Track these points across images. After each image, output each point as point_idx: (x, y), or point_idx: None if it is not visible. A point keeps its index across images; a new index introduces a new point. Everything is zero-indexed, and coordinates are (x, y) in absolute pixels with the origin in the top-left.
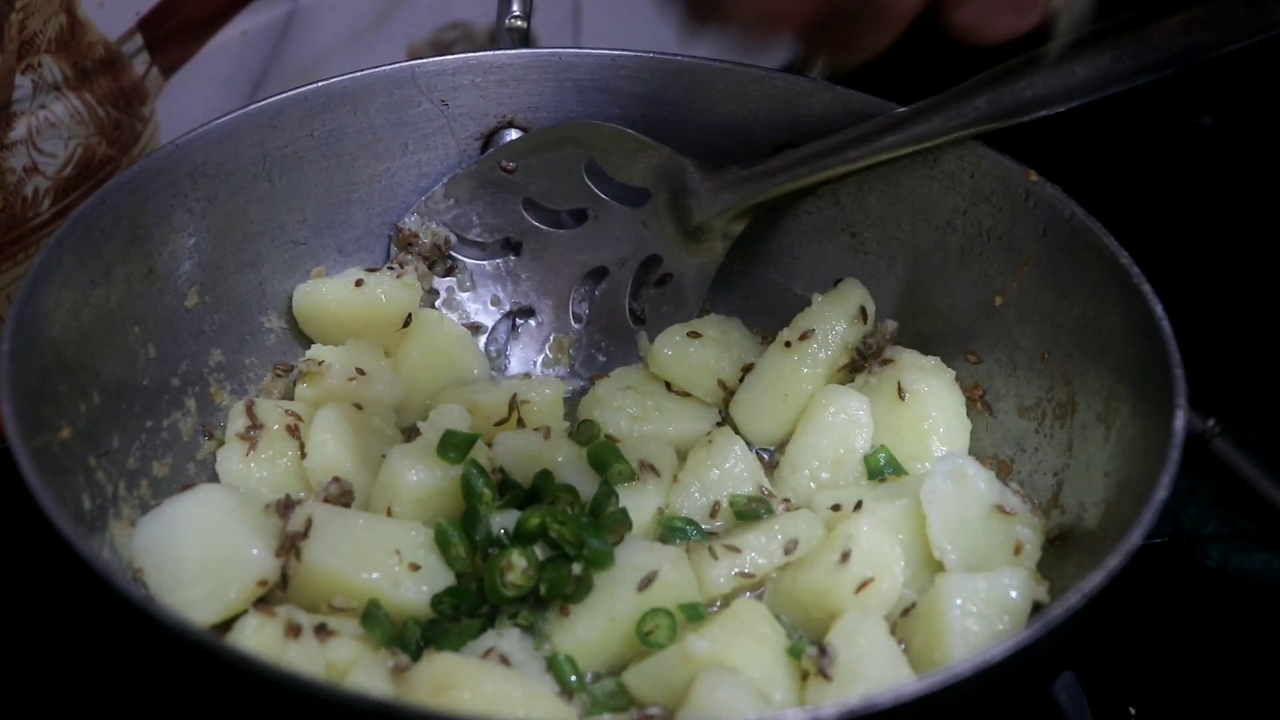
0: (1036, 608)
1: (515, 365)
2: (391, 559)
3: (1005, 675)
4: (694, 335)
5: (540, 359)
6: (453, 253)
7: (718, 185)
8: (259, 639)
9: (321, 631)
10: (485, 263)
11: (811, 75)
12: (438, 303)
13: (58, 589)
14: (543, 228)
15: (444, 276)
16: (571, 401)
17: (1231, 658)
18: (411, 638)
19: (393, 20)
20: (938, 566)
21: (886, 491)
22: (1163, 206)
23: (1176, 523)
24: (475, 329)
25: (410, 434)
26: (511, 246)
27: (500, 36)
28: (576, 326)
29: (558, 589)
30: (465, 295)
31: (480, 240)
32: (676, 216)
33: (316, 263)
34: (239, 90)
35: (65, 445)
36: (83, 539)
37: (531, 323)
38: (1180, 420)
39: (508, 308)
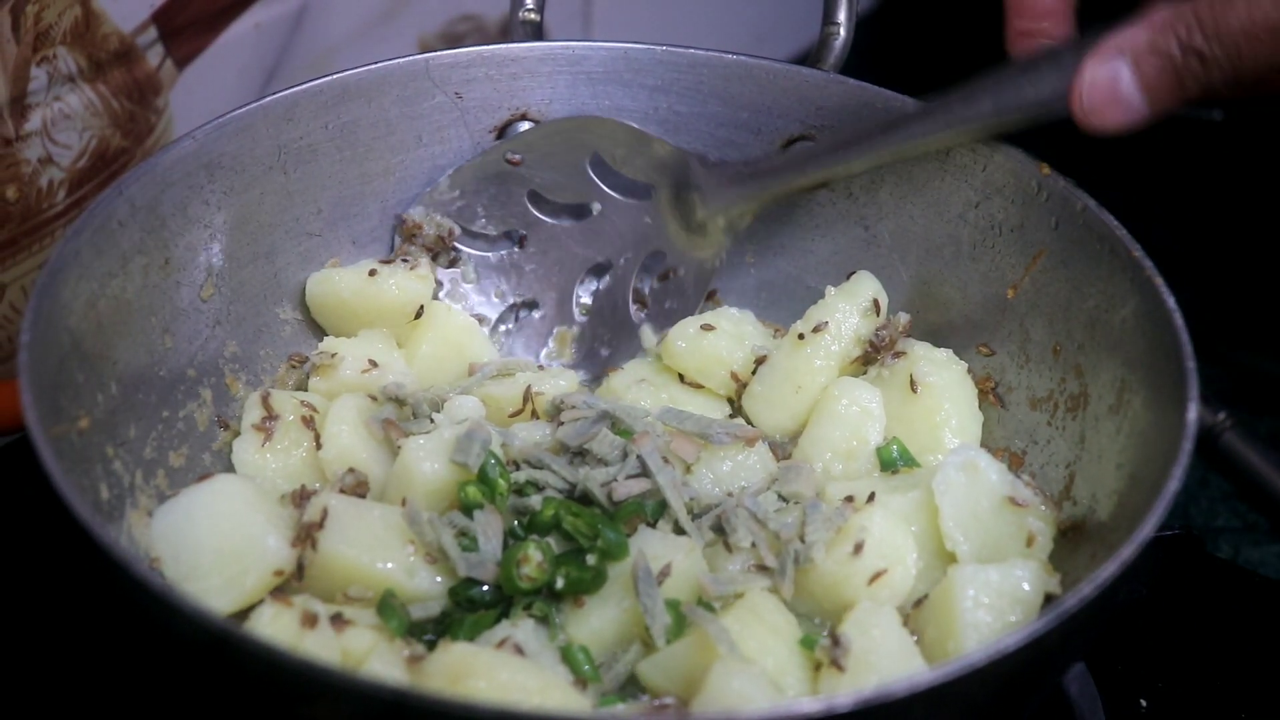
0: (1049, 599)
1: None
2: (407, 549)
3: (1019, 666)
4: (707, 328)
5: (543, 351)
6: (457, 244)
7: (721, 181)
8: (275, 628)
9: (337, 621)
10: (489, 254)
11: (824, 68)
12: (441, 294)
13: (76, 578)
14: (547, 220)
15: (447, 268)
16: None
17: (1242, 650)
18: (424, 629)
19: (404, 13)
20: (950, 558)
21: (899, 483)
22: (1174, 200)
23: (1188, 516)
24: (479, 321)
25: None
26: (515, 239)
27: (514, 29)
28: (580, 320)
29: (578, 586)
30: (469, 287)
31: (485, 232)
32: (680, 212)
33: (331, 254)
34: (252, 82)
35: (83, 435)
36: (101, 527)
37: (535, 315)
38: (1193, 412)
39: (511, 300)
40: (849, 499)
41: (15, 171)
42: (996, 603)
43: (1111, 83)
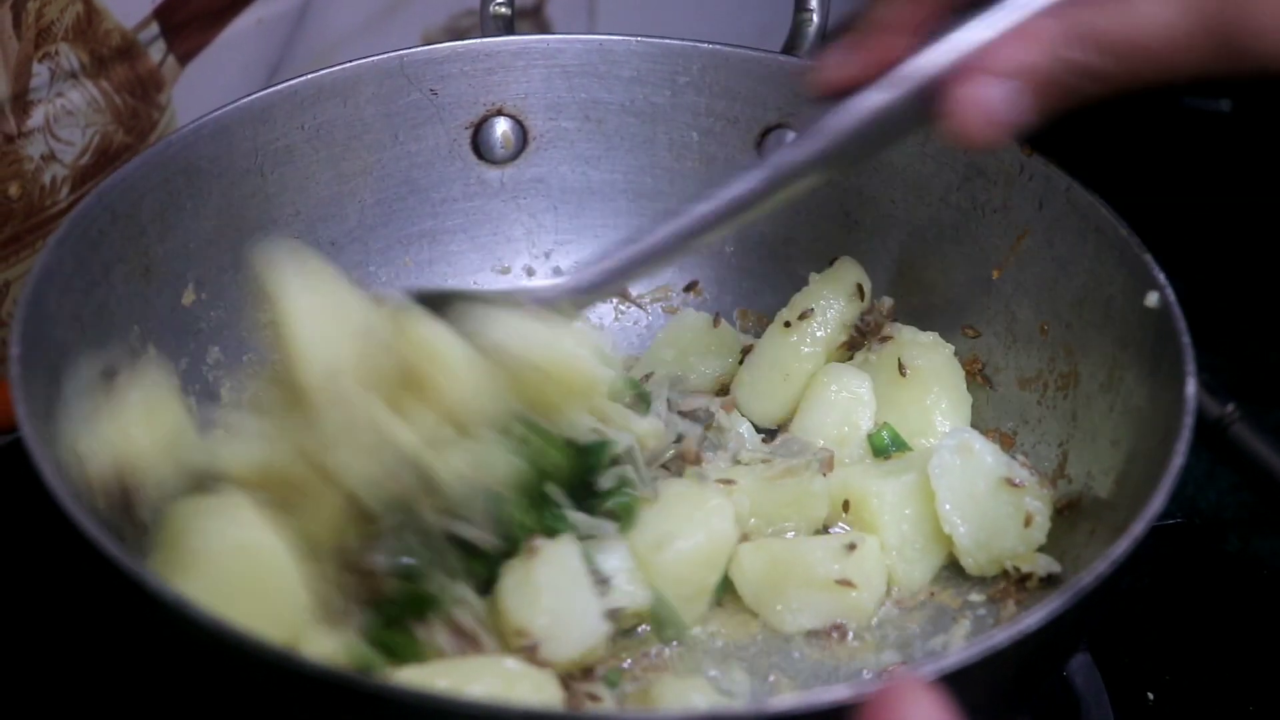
0: (1051, 580)
1: None
2: None
3: (1037, 647)
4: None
5: None
6: None
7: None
8: None
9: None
10: None
11: (798, 55)
12: None
13: (73, 579)
14: None
15: None
16: None
17: (1251, 643)
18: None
19: (408, 7)
20: (948, 541)
21: (893, 468)
22: (1181, 191)
23: (1196, 507)
24: None
25: None
26: None
27: (484, 24)
28: None
29: None
30: None
31: None
32: None
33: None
34: (255, 78)
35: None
36: (121, 551)
37: None
38: (1191, 386)
39: None
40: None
41: (18, 168)
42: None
43: (988, 105)
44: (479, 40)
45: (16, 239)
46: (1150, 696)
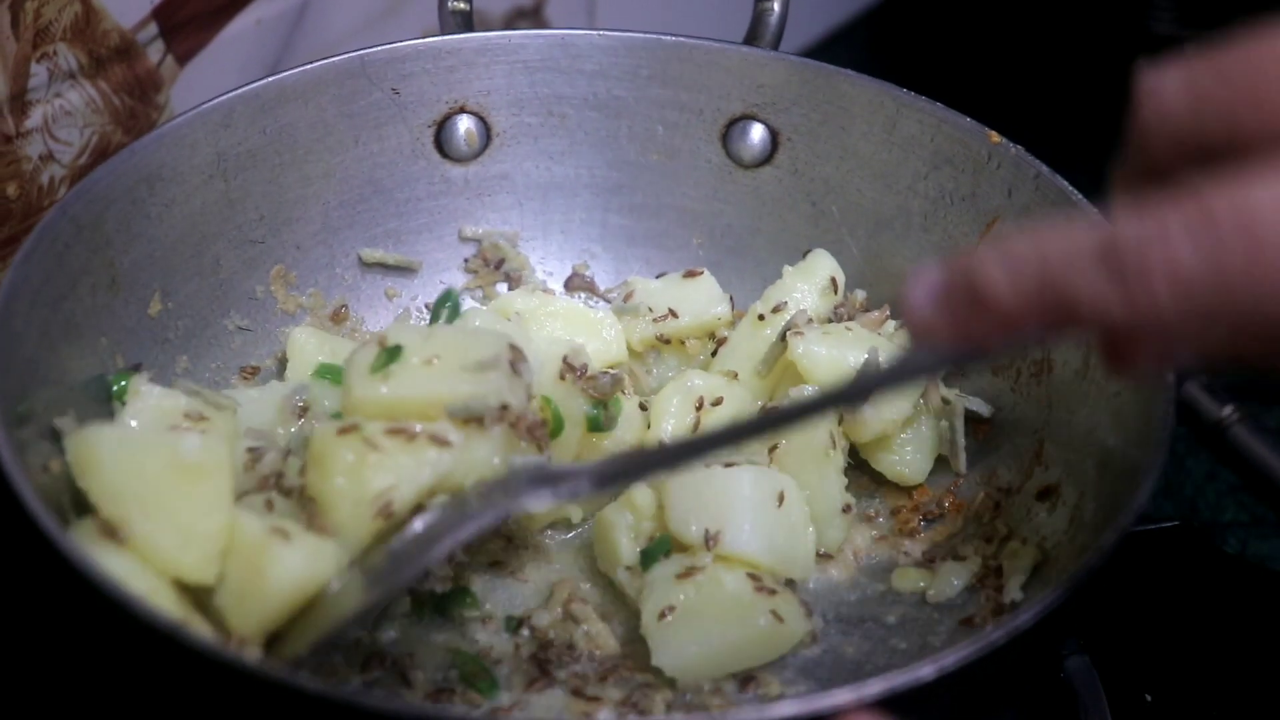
0: (1038, 568)
1: None
2: None
3: (1036, 634)
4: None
5: None
6: None
7: None
8: None
9: None
10: None
11: (761, 46)
12: None
13: (53, 601)
14: None
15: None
16: None
17: (1250, 645)
18: None
19: (407, 6)
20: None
21: None
22: None
23: (1195, 509)
24: None
25: None
26: None
27: (444, 21)
28: None
29: None
30: None
31: None
32: None
33: (275, 261)
34: (253, 78)
35: (51, 471)
36: (97, 565)
37: None
38: (1171, 373)
39: None
40: None
41: (16, 169)
42: None
43: None
44: (440, 38)
45: (14, 239)
46: (1148, 698)
